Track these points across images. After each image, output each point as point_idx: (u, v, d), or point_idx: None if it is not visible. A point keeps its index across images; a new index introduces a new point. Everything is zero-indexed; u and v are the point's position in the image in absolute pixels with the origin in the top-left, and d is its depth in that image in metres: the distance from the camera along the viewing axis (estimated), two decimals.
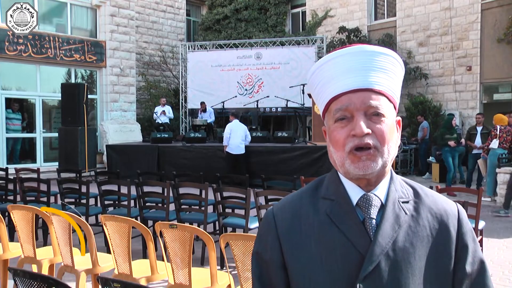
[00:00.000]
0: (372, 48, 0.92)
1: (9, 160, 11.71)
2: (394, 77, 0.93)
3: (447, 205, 0.96)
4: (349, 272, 0.87)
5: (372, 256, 0.86)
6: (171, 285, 2.91)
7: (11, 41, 11.47)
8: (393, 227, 0.89)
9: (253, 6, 16.65)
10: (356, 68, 0.91)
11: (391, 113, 0.92)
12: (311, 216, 0.94)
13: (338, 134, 0.90)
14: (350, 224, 0.90)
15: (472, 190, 5.29)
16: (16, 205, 3.77)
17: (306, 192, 0.99)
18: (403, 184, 0.97)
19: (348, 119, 0.90)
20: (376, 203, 0.91)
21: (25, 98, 12.53)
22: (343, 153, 0.90)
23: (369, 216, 0.90)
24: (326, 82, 0.94)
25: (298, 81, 12.71)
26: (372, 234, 0.89)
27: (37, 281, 1.87)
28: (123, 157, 10.85)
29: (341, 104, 0.90)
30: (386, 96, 0.91)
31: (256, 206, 4.40)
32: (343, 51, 0.92)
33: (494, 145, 7.89)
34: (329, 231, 0.91)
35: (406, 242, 0.89)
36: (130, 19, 14.11)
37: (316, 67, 0.96)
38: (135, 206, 5.63)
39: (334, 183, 0.96)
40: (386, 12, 14.44)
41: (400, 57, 0.96)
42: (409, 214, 0.92)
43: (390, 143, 0.90)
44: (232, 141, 9.22)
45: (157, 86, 16.16)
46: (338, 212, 0.92)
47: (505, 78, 11.83)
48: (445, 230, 0.93)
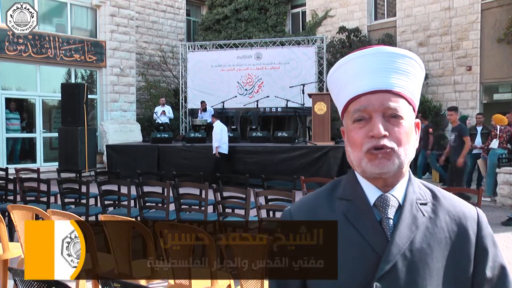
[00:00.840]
0: (392, 50, 0.92)
1: (9, 160, 11.71)
2: (414, 79, 0.93)
3: (466, 208, 0.96)
4: (366, 272, 0.87)
5: (389, 256, 0.86)
6: (171, 285, 2.91)
7: (11, 41, 11.47)
8: (410, 228, 0.89)
9: (253, 6, 16.65)
10: (375, 69, 0.91)
11: (409, 115, 0.92)
12: (328, 216, 0.94)
13: (356, 134, 0.91)
14: (367, 224, 0.90)
15: (472, 190, 5.30)
16: (16, 205, 3.77)
17: (323, 193, 0.99)
18: (421, 186, 0.97)
19: (366, 120, 0.90)
20: (393, 203, 0.91)
21: (25, 98, 12.53)
22: (360, 153, 0.90)
23: (386, 216, 0.90)
24: (345, 83, 0.94)
25: (298, 81, 12.70)
26: (389, 234, 0.89)
27: (37, 281, 1.87)
28: (123, 157, 10.85)
29: (360, 105, 0.91)
30: (405, 98, 0.91)
31: (256, 206, 4.40)
32: (362, 52, 0.93)
33: (494, 145, 7.90)
34: (346, 230, 0.91)
35: (423, 243, 0.89)
36: (130, 19, 14.11)
37: (335, 68, 0.96)
38: (135, 206, 5.62)
39: (351, 184, 0.96)
40: (386, 12, 14.44)
41: (420, 59, 0.95)
42: (426, 216, 0.92)
43: (407, 145, 0.90)
44: (224, 141, 9.35)
45: (157, 86, 16.17)
46: (355, 212, 0.92)
47: (505, 78, 11.83)
48: (463, 233, 0.92)
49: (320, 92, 12.29)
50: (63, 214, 3.33)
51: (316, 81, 13.43)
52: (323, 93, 11.56)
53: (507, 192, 7.42)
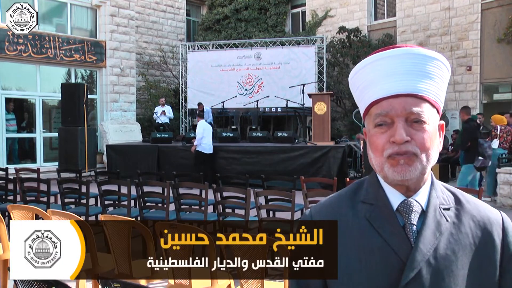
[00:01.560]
0: (418, 51, 0.89)
1: (9, 160, 11.71)
2: (439, 81, 0.91)
3: (490, 212, 0.93)
4: (389, 278, 0.86)
5: (413, 263, 0.85)
6: (171, 285, 2.91)
7: (11, 41, 11.47)
8: (434, 234, 0.88)
9: (253, 6, 16.64)
10: (399, 72, 0.88)
11: (433, 119, 0.90)
12: (350, 219, 0.92)
13: (377, 139, 0.89)
14: (390, 229, 0.88)
15: (472, 190, 5.29)
16: (16, 205, 3.77)
17: (345, 195, 0.98)
18: (444, 190, 0.95)
19: (388, 125, 0.88)
20: (416, 208, 0.90)
21: (25, 98, 12.53)
22: (382, 158, 0.88)
23: (410, 222, 0.88)
24: (367, 85, 0.92)
25: (298, 81, 12.69)
26: (412, 240, 0.87)
27: (37, 281, 1.87)
28: (123, 157, 10.85)
29: (382, 109, 0.89)
30: (429, 102, 0.89)
31: (256, 206, 4.40)
32: (387, 53, 0.90)
33: (494, 145, 7.90)
34: (369, 235, 0.89)
35: (447, 249, 0.87)
36: (130, 19, 14.11)
37: (358, 69, 0.94)
38: (135, 206, 5.62)
39: (373, 187, 0.94)
40: (386, 12, 14.44)
41: (446, 59, 0.93)
42: (450, 221, 0.90)
43: (430, 151, 0.88)
44: (206, 141, 9.37)
45: (157, 86, 16.16)
46: (378, 217, 0.90)
47: (505, 78, 11.83)
48: (488, 238, 0.90)
49: (320, 92, 12.28)
50: (63, 214, 3.33)
51: (316, 81, 13.43)
52: (323, 93, 11.56)
53: (507, 192, 7.42)
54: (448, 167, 10.31)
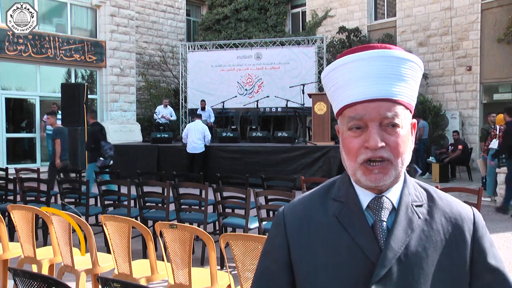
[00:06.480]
0: (392, 54, 0.87)
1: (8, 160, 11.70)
2: (412, 83, 0.90)
3: (462, 208, 0.94)
4: (356, 276, 0.86)
5: (384, 261, 0.85)
6: (171, 285, 2.91)
7: (11, 41, 11.47)
8: (405, 232, 0.87)
9: (253, 6, 16.65)
10: (373, 75, 0.86)
11: (406, 120, 0.89)
12: (320, 217, 0.93)
13: (350, 143, 0.88)
14: (358, 228, 0.88)
15: (472, 190, 5.29)
16: (16, 205, 3.77)
17: (318, 193, 0.98)
18: (416, 187, 0.94)
19: (362, 129, 0.87)
20: (387, 205, 0.89)
21: (25, 98, 12.53)
22: (355, 164, 0.88)
23: (380, 219, 0.88)
24: (341, 86, 0.90)
25: (298, 81, 12.71)
26: (381, 237, 0.87)
27: (37, 281, 1.87)
28: (123, 157, 10.84)
29: (356, 113, 0.87)
30: (403, 104, 0.88)
31: (256, 206, 4.40)
32: (361, 55, 0.88)
33: (494, 145, 7.89)
34: (337, 233, 0.89)
35: (419, 246, 0.87)
36: (130, 19, 14.11)
37: (331, 68, 0.92)
38: (135, 206, 5.63)
39: (345, 185, 0.94)
40: (386, 12, 14.44)
41: (421, 60, 0.92)
42: (422, 218, 0.90)
43: (404, 155, 0.88)
44: (189, 140, 9.51)
45: (157, 86, 16.17)
46: (347, 215, 0.90)
47: (505, 78, 11.83)
48: (459, 234, 0.90)
49: (320, 92, 12.27)
50: (63, 214, 3.33)
51: (316, 81, 13.43)
52: (323, 93, 11.53)
53: None
54: (448, 167, 10.30)
